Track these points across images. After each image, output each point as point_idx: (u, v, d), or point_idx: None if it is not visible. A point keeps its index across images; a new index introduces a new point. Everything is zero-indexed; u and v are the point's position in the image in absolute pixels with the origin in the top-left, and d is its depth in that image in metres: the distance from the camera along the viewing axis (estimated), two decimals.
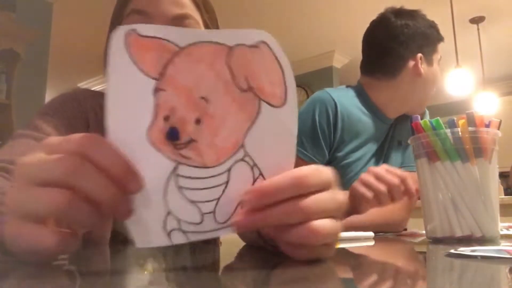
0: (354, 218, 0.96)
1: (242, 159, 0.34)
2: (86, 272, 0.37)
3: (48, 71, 3.03)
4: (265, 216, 0.33)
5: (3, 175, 0.53)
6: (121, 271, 0.38)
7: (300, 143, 1.06)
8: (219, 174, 0.34)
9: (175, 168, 0.33)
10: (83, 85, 5.04)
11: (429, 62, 1.14)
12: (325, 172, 0.35)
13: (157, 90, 0.32)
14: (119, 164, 0.31)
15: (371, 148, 1.15)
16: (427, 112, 1.24)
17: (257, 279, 0.32)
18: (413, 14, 1.16)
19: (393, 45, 1.12)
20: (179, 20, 0.66)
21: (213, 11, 0.73)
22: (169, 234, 0.33)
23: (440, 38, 1.17)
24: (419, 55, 1.12)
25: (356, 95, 1.16)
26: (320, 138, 1.06)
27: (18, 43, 2.68)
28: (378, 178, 0.85)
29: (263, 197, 0.33)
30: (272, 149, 0.35)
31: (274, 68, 0.34)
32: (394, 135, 1.20)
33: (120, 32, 0.32)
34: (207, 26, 0.71)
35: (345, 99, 1.13)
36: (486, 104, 3.77)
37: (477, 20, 3.65)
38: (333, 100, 1.10)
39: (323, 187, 0.34)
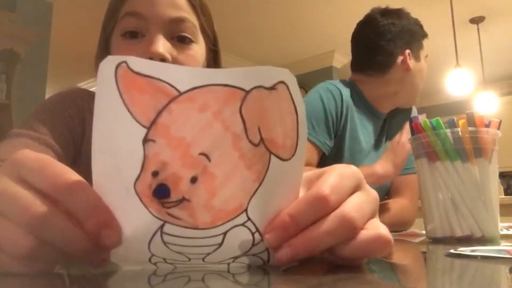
0: None
1: (242, 224, 0.30)
2: (75, 274, 0.37)
3: (48, 71, 3.03)
4: (305, 245, 0.29)
5: None
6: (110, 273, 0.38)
7: (311, 128, 1.07)
8: (212, 236, 0.30)
9: (161, 226, 0.29)
10: (83, 85, 5.04)
11: (417, 58, 1.19)
12: (348, 174, 0.32)
13: (146, 140, 0.27)
14: (95, 217, 0.27)
15: (369, 142, 1.19)
16: (415, 109, 1.27)
17: (261, 280, 0.32)
18: (398, 13, 1.21)
19: (382, 43, 1.17)
20: (176, 24, 0.63)
21: (209, 15, 0.71)
22: (155, 264, 0.32)
23: (424, 34, 1.22)
24: (407, 51, 1.17)
25: (350, 89, 1.20)
26: (330, 124, 1.09)
27: (18, 43, 2.68)
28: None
29: (286, 231, 0.30)
30: (276, 207, 0.30)
31: (289, 114, 0.29)
32: (388, 132, 1.24)
33: (110, 62, 0.26)
34: (203, 29, 0.69)
35: (346, 91, 1.17)
36: (486, 104, 3.77)
37: (477, 20, 3.65)
38: (338, 89, 1.15)
39: (353, 190, 0.32)
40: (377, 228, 0.31)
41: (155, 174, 0.27)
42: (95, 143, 0.27)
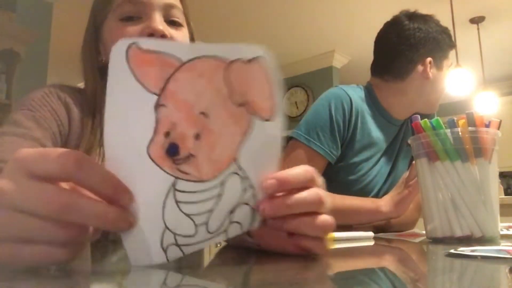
0: None
1: (234, 172, 0.35)
2: (70, 272, 0.37)
3: (48, 71, 3.03)
4: (289, 205, 0.37)
5: None
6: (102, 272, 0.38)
7: (316, 138, 1.06)
8: (213, 187, 0.35)
9: (173, 183, 0.33)
10: (82, 85, 5.04)
11: (439, 67, 1.15)
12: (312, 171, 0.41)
13: (158, 105, 0.32)
14: (110, 184, 0.31)
15: (380, 148, 1.15)
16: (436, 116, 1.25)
17: (263, 279, 0.32)
18: (426, 19, 1.16)
19: (404, 47, 1.12)
20: (168, 8, 0.70)
21: (187, 6, 0.76)
22: (165, 250, 0.34)
23: (451, 45, 1.18)
24: (429, 59, 1.12)
25: (365, 95, 1.16)
26: (336, 133, 1.06)
27: (18, 43, 2.67)
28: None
29: (283, 184, 0.37)
30: (261, 160, 0.36)
31: (266, 83, 0.35)
32: (404, 138, 1.20)
33: (121, 45, 0.31)
34: (186, 18, 0.75)
35: (358, 98, 1.13)
36: (486, 104, 3.77)
37: (477, 20, 3.65)
38: (349, 96, 1.10)
39: (314, 184, 0.40)
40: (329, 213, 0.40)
41: (167, 134, 0.32)
42: (108, 119, 0.31)
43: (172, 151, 0.32)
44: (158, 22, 0.67)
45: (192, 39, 0.78)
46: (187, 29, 0.76)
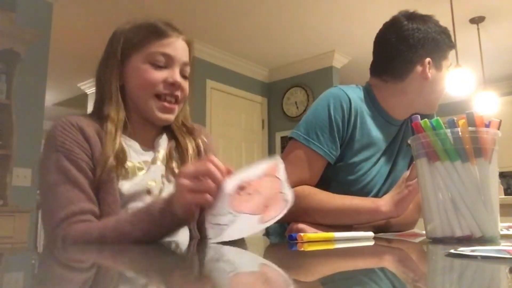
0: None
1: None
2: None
3: (48, 71, 3.03)
4: None
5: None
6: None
7: (315, 138, 1.06)
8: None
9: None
10: (82, 85, 5.04)
11: (438, 67, 1.14)
12: None
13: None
14: (217, 178, 0.66)
15: (379, 148, 1.14)
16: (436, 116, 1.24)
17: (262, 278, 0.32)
18: (425, 19, 1.15)
19: (403, 48, 1.11)
20: (184, 65, 0.92)
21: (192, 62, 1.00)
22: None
23: (451, 45, 1.17)
24: (428, 59, 1.12)
25: (364, 95, 1.16)
26: (335, 132, 1.07)
27: (18, 43, 2.67)
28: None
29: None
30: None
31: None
32: (404, 138, 1.19)
33: (227, 190, 0.65)
34: (192, 67, 1.00)
35: (357, 98, 1.13)
36: (487, 104, 3.77)
37: (477, 20, 3.65)
38: (348, 96, 1.10)
39: None
40: None
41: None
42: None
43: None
44: (177, 75, 0.90)
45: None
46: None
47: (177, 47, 0.91)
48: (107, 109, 0.88)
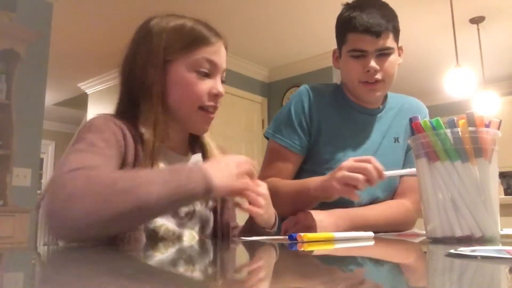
0: (371, 216, 1.04)
1: None
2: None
3: (48, 71, 3.03)
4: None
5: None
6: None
7: (279, 132, 1.16)
8: None
9: None
10: (82, 85, 5.03)
11: (341, 54, 1.18)
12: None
13: None
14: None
15: (356, 140, 1.15)
16: (425, 109, 1.25)
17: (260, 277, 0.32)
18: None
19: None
20: (223, 72, 0.89)
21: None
22: None
23: (350, 29, 1.11)
24: (334, 49, 1.20)
25: (334, 90, 1.21)
26: (296, 125, 1.14)
27: (18, 43, 2.67)
28: (353, 169, 0.89)
29: None
30: None
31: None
32: (390, 131, 1.19)
33: None
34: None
35: (321, 93, 1.19)
36: (487, 104, 3.76)
37: (477, 20, 3.64)
38: (308, 92, 1.18)
39: None
40: None
41: None
42: None
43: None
44: (220, 85, 0.87)
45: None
46: None
47: (221, 54, 0.88)
48: (147, 117, 0.81)
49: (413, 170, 0.82)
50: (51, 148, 6.72)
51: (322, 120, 1.15)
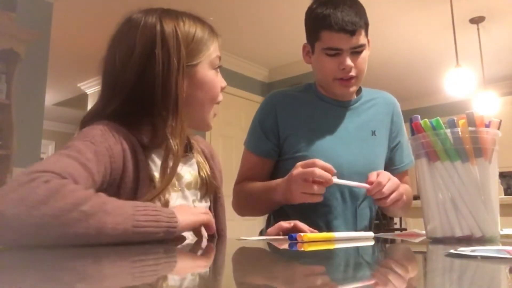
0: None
1: None
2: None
3: (48, 71, 3.03)
4: None
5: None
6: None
7: (248, 139, 1.23)
8: None
9: None
10: (82, 85, 5.04)
11: (313, 51, 1.20)
12: None
13: None
14: None
15: (331, 131, 1.16)
16: (397, 106, 1.27)
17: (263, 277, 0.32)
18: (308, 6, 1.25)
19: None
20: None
21: None
22: None
23: (324, 27, 1.13)
24: (304, 44, 1.24)
25: (304, 89, 1.24)
26: (261, 132, 1.19)
27: (18, 43, 2.67)
28: (302, 175, 0.95)
29: None
30: None
31: None
32: (366, 124, 1.19)
33: None
34: None
35: (288, 94, 1.23)
36: (487, 104, 3.77)
37: (477, 20, 3.65)
38: (272, 98, 1.23)
39: None
40: None
41: None
42: None
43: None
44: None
45: None
46: None
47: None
48: (173, 126, 0.77)
49: (365, 184, 0.94)
50: (51, 148, 6.72)
51: (294, 118, 1.17)
